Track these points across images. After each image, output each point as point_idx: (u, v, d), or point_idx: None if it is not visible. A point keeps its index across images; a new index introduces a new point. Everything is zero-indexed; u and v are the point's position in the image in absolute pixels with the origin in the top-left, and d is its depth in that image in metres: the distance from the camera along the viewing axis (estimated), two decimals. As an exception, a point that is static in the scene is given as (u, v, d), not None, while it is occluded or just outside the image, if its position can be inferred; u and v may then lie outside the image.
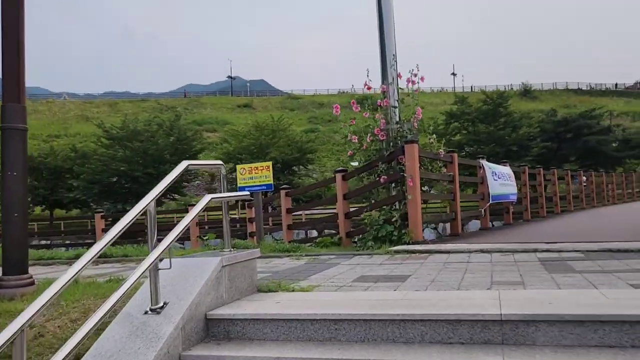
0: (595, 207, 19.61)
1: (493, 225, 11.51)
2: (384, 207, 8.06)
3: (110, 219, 16.25)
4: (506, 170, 11.49)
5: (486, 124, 35.88)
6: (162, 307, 2.98)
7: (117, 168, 32.37)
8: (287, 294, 3.72)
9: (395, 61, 8.22)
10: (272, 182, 8.03)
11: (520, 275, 4.32)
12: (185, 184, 38.91)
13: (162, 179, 3.21)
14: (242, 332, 3.08)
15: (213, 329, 3.16)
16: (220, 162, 3.91)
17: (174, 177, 3.24)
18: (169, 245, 2.95)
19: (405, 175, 7.49)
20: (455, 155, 9.12)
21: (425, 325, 2.78)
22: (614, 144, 40.06)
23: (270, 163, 8.08)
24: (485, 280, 4.14)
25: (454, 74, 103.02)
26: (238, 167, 8.30)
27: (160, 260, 2.94)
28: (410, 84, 8.05)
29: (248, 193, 4.44)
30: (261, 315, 3.07)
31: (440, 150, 8.48)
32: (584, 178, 19.67)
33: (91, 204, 35.68)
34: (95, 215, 15.57)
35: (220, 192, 3.85)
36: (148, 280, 3.03)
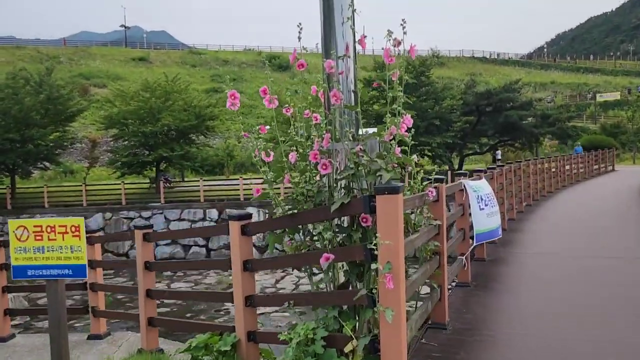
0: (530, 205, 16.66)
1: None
2: (328, 307, 3.99)
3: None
4: (488, 188, 7.72)
5: (407, 94, 32.43)
6: None
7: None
8: None
9: (354, 11, 4.02)
10: (85, 261, 3.65)
11: None
12: (60, 150, 32.54)
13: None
14: None
15: None
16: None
17: None
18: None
19: (377, 263, 3.42)
20: (444, 187, 5.13)
21: None
22: (529, 119, 38.17)
23: (81, 221, 3.66)
24: None
25: (364, 36, 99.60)
26: (11, 224, 3.81)
27: None
28: (388, 60, 3.88)
29: None
30: None
31: (430, 189, 4.43)
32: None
33: None
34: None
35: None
36: None
